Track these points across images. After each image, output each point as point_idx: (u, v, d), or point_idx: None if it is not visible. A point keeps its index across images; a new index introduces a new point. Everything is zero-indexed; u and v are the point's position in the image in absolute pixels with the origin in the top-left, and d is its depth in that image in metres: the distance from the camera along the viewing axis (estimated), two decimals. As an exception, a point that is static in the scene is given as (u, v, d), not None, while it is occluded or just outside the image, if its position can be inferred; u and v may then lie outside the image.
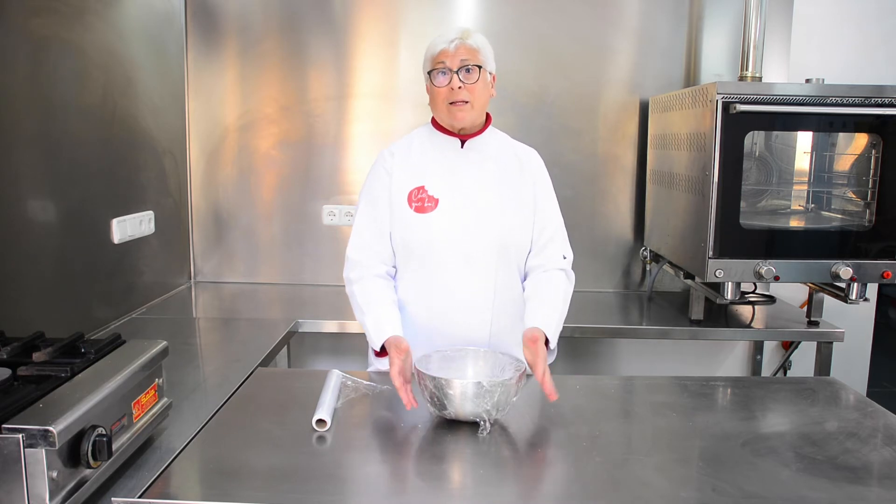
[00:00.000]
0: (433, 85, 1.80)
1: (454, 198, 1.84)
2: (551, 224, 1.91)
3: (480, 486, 1.33)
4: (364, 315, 1.81)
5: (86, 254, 2.28)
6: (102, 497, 1.26)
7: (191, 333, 2.44)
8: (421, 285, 1.87)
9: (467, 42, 1.78)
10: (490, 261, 1.84)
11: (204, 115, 3.06)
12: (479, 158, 1.88)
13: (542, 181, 1.93)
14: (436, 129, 1.89)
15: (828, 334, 2.54)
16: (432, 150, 1.89)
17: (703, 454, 1.46)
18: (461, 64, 1.76)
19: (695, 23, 2.98)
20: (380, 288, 1.85)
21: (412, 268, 1.88)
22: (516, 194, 1.87)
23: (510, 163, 1.90)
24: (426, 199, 1.84)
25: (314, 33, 2.99)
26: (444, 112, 1.81)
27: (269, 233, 3.12)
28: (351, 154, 3.06)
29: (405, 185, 1.87)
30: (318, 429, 1.50)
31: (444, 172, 1.86)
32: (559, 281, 1.86)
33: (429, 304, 1.87)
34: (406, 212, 1.85)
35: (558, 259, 1.90)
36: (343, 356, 3.17)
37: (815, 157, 2.55)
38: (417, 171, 1.87)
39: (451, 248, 1.83)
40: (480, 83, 1.79)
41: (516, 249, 1.88)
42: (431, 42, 1.82)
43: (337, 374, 1.73)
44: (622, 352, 3.22)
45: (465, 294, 1.85)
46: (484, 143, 1.89)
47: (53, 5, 2.10)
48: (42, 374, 1.29)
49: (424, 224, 1.83)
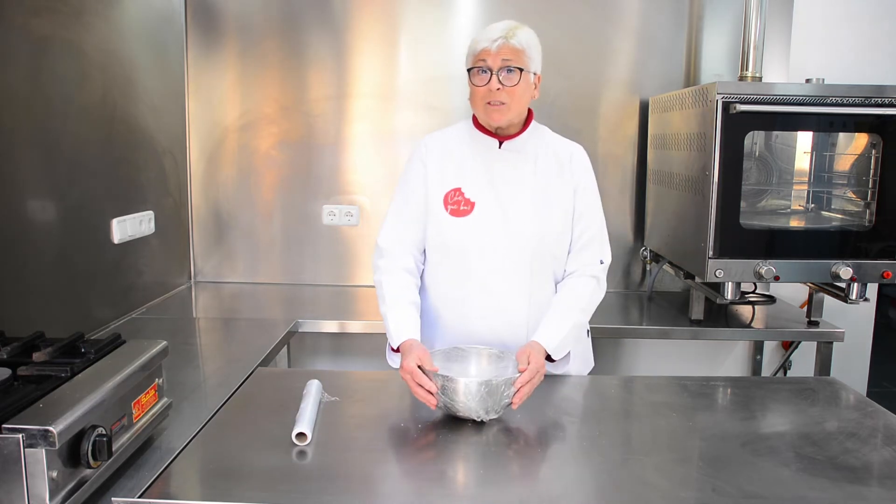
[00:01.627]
0: (472, 83, 1.75)
1: (490, 202, 1.81)
2: (590, 228, 1.86)
3: (481, 485, 1.33)
4: (388, 308, 1.78)
5: (86, 254, 2.28)
6: (102, 497, 1.27)
7: (191, 333, 2.44)
8: (455, 288, 1.84)
9: (511, 42, 1.71)
10: (525, 266, 1.81)
11: (204, 115, 3.06)
12: (516, 161, 1.83)
13: (584, 181, 1.87)
14: (475, 128, 1.86)
15: (828, 334, 2.54)
16: (470, 151, 1.85)
17: (703, 454, 1.46)
18: (502, 64, 1.70)
19: (695, 23, 2.98)
20: (407, 285, 1.82)
21: (446, 269, 1.85)
22: (554, 198, 1.82)
23: (549, 164, 1.85)
24: (462, 202, 1.81)
25: (314, 33, 2.99)
26: (482, 111, 1.76)
27: (269, 233, 3.12)
28: (351, 154, 3.06)
29: (441, 185, 1.83)
30: (299, 443, 1.45)
31: (482, 174, 1.83)
32: (583, 290, 1.82)
33: (462, 308, 1.84)
34: (442, 214, 1.82)
35: (594, 264, 1.85)
36: (343, 356, 3.17)
37: (815, 157, 2.56)
38: (455, 171, 1.84)
39: (486, 253, 1.80)
40: (521, 85, 1.73)
41: (552, 255, 1.84)
42: (475, 38, 1.76)
43: (317, 385, 1.69)
44: (622, 352, 3.22)
45: (500, 299, 1.82)
46: (522, 144, 1.84)
47: (53, 5, 2.10)
48: (42, 374, 1.29)
49: (460, 228, 1.80)
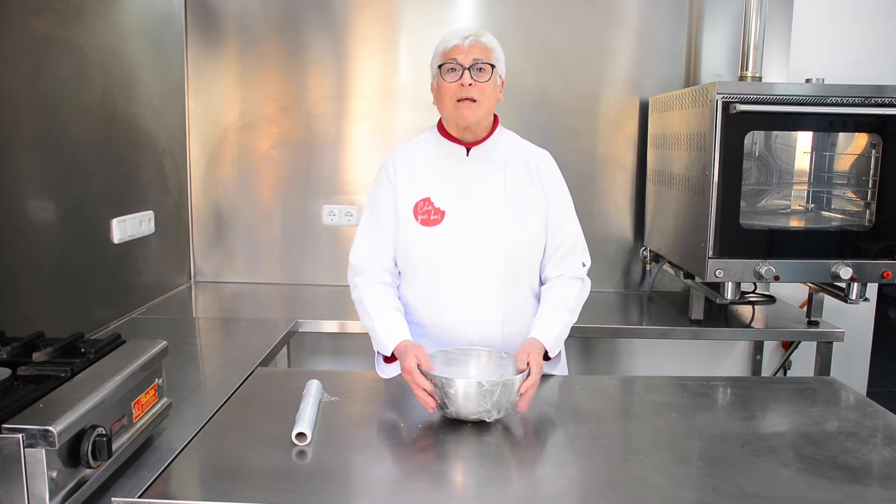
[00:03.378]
0: (442, 80, 1.73)
1: (460, 210, 1.80)
2: (568, 235, 1.86)
3: (481, 486, 1.33)
4: (373, 320, 1.78)
5: (86, 254, 2.28)
6: (102, 497, 1.27)
7: (191, 333, 2.44)
8: (429, 299, 1.83)
9: (481, 40, 1.73)
10: (498, 274, 1.79)
11: (204, 114, 3.06)
12: (485, 167, 1.82)
13: (555, 187, 1.86)
14: (441, 136, 1.84)
15: (828, 334, 2.54)
16: (437, 159, 1.84)
17: (703, 454, 1.46)
18: (473, 62, 1.71)
19: (695, 23, 2.98)
20: (387, 295, 1.83)
21: (419, 282, 1.84)
22: (526, 204, 1.81)
23: (519, 170, 1.83)
24: (432, 212, 1.80)
25: (314, 33, 2.99)
26: (451, 109, 1.74)
27: (269, 233, 3.12)
28: (351, 154, 3.06)
29: (410, 196, 1.82)
30: (299, 443, 1.45)
31: (450, 183, 1.81)
32: (570, 290, 1.83)
33: (437, 319, 1.83)
34: (412, 225, 1.80)
35: (577, 269, 1.86)
36: (343, 356, 3.18)
37: (815, 157, 2.56)
38: (423, 181, 1.83)
39: (458, 261, 1.79)
40: (491, 84, 1.73)
41: (525, 262, 1.83)
42: (443, 37, 1.76)
43: (317, 385, 1.69)
44: (622, 352, 3.22)
45: (474, 306, 1.80)
46: (490, 149, 1.83)
47: (53, 5, 2.10)
48: (42, 374, 1.29)
49: (431, 237, 1.79)
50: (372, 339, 1.82)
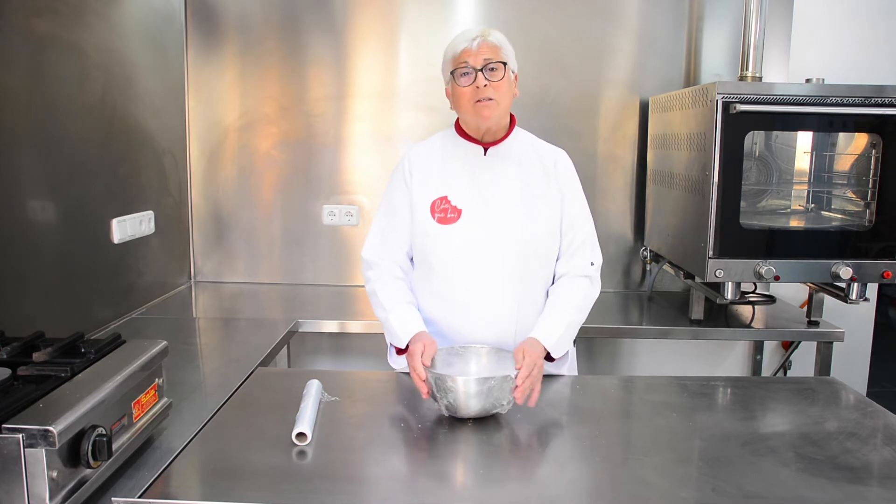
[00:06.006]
0: (457, 85, 1.73)
1: (477, 208, 1.81)
2: (580, 232, 1.87)
3: (481, 485, 1.33)
4: (387, 312, 1.79)
5: (86, 254, 2.28)
6: (102, 497, 1.27)
7: (191, 333, 2.44)
8: (443, 296, 1.84)
9: (489, 39, 1.73)
10: (513, 272, 1.80)
11: (204, 115, 3.06)
12: (502, 166, 1.83)
13: (570, 186, 1.87)
14: (459, 136, 1.85)
15: (828, 334, 2.54)
16: (455, 158, 1.85)
17: (703, 454, 1.46)
18: (485, 63, 1.70)
19: (695, 23, 2.98)
20: (401, 288, 1.85)
21: (434, 278, 1.84)
22: (541, 203, 1.83)
23: (535, 169, 1.85)
24: (449, 210, 1.81)
25: (314, 33, 2.99)
26: (470, 112, 1.75)
27: (269, 233, 3.12)
28: (351, 154, 3.06)
29: (427, 194, 1.83)
30: (299, 443, 1.45)
31: (467, 182, 1.82)
32: (577, 289, 1.83)
33: (450, 316, 1.84)
34: (429, 223, 1.81)
35: (585, 266, 1.86)
36: (343, 356, 3.18)
37: (815, 157, 2.56)
38: (440, 180, 1.84)
39: (474, 259, 1.80)
40: (505, 81, 1.73)
41: (540, 260, 1.84)
42: (451, 43, 1.77)
43: (317, 385, 1.69)
44: (622, 352, 3.22)
45: (489, 305, 1.81)
46: (507, 149, 1.84)
47: (53, 5, 2.10)
48: (42, 374, 1.29)
49: (448, 235, 1.80)
50: (385, 331, 1.84)
